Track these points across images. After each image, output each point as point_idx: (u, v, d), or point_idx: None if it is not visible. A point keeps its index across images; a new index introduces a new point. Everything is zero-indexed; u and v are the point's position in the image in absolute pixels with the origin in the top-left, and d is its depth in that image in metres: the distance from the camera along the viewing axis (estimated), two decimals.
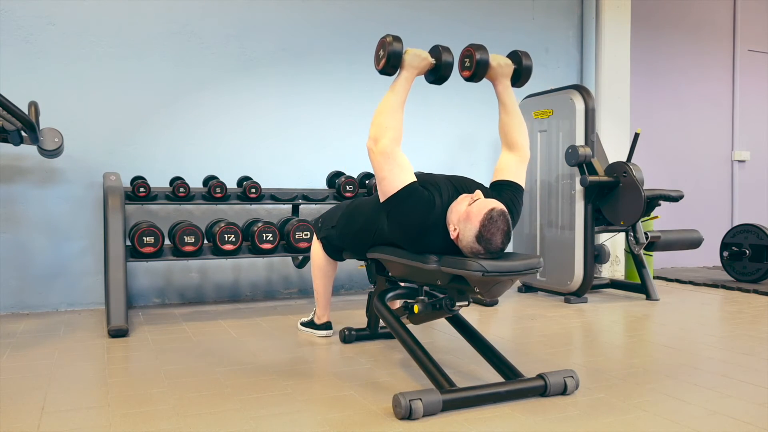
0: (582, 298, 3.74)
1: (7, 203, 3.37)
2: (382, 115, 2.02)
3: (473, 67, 2.13)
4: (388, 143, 1.99)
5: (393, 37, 2.07)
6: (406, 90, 2.07)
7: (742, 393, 2.01)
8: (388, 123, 2.01)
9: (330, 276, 2.73)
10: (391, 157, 1.99)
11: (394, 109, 2.03)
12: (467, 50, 2.17)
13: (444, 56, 2.09)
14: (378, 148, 1.99)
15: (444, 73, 2.11)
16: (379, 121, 2.02)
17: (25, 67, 3.37)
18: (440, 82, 2.14)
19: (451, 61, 2.10)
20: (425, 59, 2.11)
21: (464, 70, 2.16)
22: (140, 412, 1.81)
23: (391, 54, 2.05)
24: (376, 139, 2.00)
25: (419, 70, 2.12)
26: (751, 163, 5.88)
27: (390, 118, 2.01)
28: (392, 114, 2.02)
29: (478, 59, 2.11)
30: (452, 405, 1.80)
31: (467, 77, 2.17)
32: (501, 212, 1.91)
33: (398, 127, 2.01)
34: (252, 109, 3.88)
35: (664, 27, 5.41)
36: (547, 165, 3.89)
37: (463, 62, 2.17)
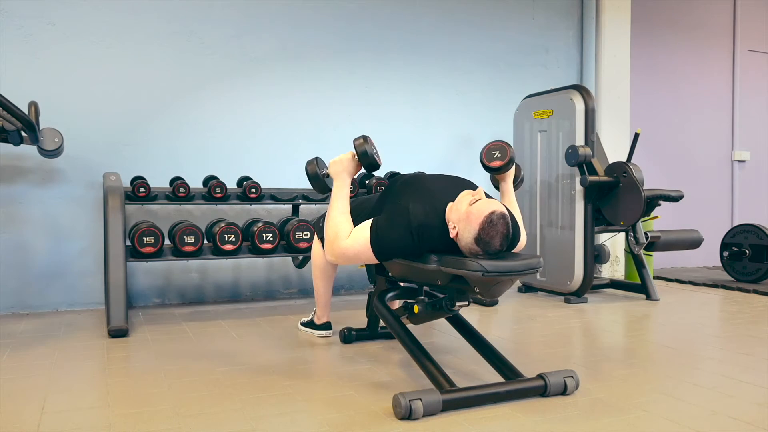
0: (582, 298, 3.74)
1: (7, 203, 3.37)
2: (329, 229, 2.13)
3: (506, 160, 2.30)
4: (336, 247, 2.10)
5: (308, 163, 2.26)
6: (344, 196, 2.17)
7: (742, 393, 2.01)
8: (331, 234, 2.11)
9: (330, 276, 2.73)
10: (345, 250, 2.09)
11: (336, 219, 2.13)
12: (499, 144, 2.33)
13: (359, 148, 2.15)
14: (334, 257, 2.12)
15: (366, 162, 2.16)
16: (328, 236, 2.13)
17: (25, 67, 3.37)
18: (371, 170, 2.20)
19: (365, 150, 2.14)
20: (344, 161, 2.19)
21: (495, 160, 2.32)
22: (140, 412, 1.81)
23: (311, 179, 2.26)
24: (329, 253, 2.13)
25: (347, 172, 2.20)
26: (751, 163, 5.88)
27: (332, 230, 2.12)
28: (335, 225, 2.12)
29: (512, 156, 2.30)
30: (452, 405, 1.80)
31: (496, 167, 2.32)
32: (501, 215, 1.91)
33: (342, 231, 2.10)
34: (252, 109, 3.88)
35: (664, 27, 5.41)
36: (547, 165, 3.89)
37: (491, 153, 2.33)
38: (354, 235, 2.09)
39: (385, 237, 2.03)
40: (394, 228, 2.02)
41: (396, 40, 4.27)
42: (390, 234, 2.02)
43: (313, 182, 2.26)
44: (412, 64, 4.31)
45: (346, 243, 2.08)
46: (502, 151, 2.31)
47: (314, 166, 2.25)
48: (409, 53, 4.30)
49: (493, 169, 2.33)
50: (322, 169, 2.27)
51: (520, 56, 4.67)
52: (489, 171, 2.35)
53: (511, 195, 2.40)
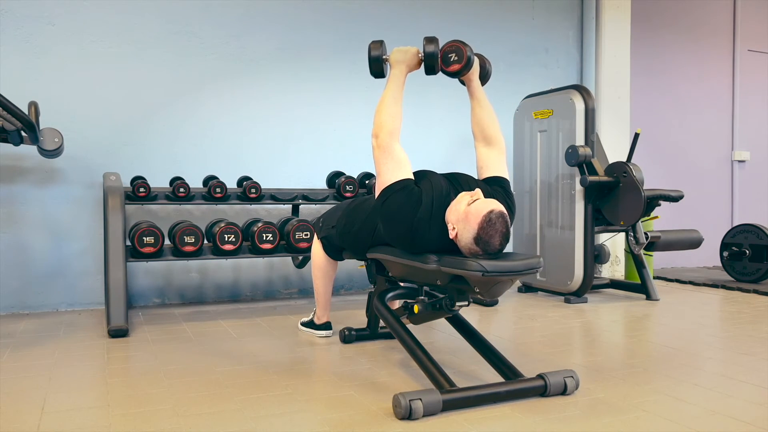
0: (582, 298, 3.74)
1: (7, 203, 3.37)
2: (379, 113, 2.11)
3: (463, 62, 2.18)
4: (385, 137, 2.07)
5: (373, 43, 2.24)
6: (399, 85, 2.16)
7: (742, 393, 2.01)
8: (384, 119, 2.09)
9: (330, 276, 2.73)
10: (387, 151, 2.07)
11: (389, 104, 2.12)
12: (453, 45, 2.20)
13: (427, 47, 2.17)
14: (377, 142, 2.09)
15: (430, 63, 2.18)
16: (377, 118, 2.11)
17: (25, 67, 3.37)
18: (430, 72, 2.21)
19: (434, 51, 2.16)
20: (408, 52, 2.19)
21: (452, 64, 2.20)
22: (140, 412, 1.81)
23: (371, 60, 2.24)
24: (375, 135, 2.09)
25: (406, 64, 2.19)
26: (751, 163, 5.88)
27: (386, 114, 2.10)
28: (387, 110, 2.11)
29: (469, 55, 2.18)
30: (452, 405, 1.80)
31: (455, 71, 2.21)
32: (500, 214, 1.91)
33: (394, 122, 2.09)
34: (252, 109, 3.88)
35: (664, 27, 5.41)
36: (547, 165, 3.89)
37: (447, 57, 2.21)
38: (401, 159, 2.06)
39: (396, 199, 2.02)
40: (406, 204, 2.01)
41: (396, 40, 4.23)
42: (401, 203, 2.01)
43: (373, 63, 2.23)
44: None
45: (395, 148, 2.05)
46: (458, 53, 2.18)
47: (379, 47, 2.23)
48: None
49: (453, 74, 2.22)
50: (385, 53, 2.24)
51: (520, 56, 4.67)
52: (450, 76, 2.24)
53: (479, 93, 2.30)
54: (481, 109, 2.31)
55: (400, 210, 2.01)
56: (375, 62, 2.22)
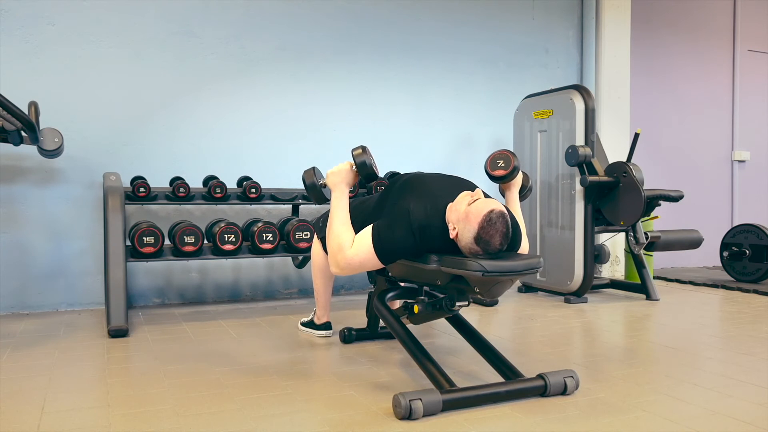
0: (582, 298, 3.74)
1: (7, 203, 3.37)
2: (331, 241, 2.11)
3: (509, 170, 2.30)
4: (342, 259, 2.07)
5: (305, 173, 2.27)
6: (343, 207, 2.16)
7: (742, 393, 2.01)
8: (334, 245, 2.10)
9: (330, 276, 2.73)
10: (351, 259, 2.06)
11: (338, 230, 2.11)
12: (504, 153, 2.33)
13: (357, 159, 2.16)
14: (340, 269, 2.09)
15: (364, 172, 2.17)
16: (332, 245, 2.11)
17: (25, 67, 3.37)
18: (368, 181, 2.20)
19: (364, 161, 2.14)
20: (341, 172, 2.19)
21: (498, 169, 2.32)
22: (140, 412, 1.81)
23: (307, 189, 2.27)
24: (334, 265, 2.10)
25: (344, 182, 2.19)
26: (751, 163, 5.88)
27: (335, 241, 2.10)
28: (337, 236, 2.10)
29: (516, 165, 2.29)
30: (452, 405, 1.80)
31: (500, 176, 2.32)
32: (500, 214, 1.90)
33: (345, 241, 2.08)
34: (252, 109, 3.88)
35: (664, 27, 5.41)
36: (547, 165, 3.89)
37: (496, 162, 2.33)
38: (357, 244, 2.07)
39: (387, 240, 2.02)
40: (396, 230, 2.02)
41: (396, 40, 4.27)
42: (392, 237, 2.02)
43: (310, 192, 2.26)
44: (412, 64, 4.31)
45: (351, 252, 2.06)
46: (506, 161, 2.31)
47: (312, 175, 2.25)
48: (409, 53, 4.30)
49: (496, 178, 2.33)
50: (319, 179, 2.27)
51: (520, 56, 4.67)
52: (493, 180, 2.35)
53: (515, 204, 2.38)
54: None
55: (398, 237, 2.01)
56: (312, 190, 2.25)
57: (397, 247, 2.03)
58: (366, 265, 2.08)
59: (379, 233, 2.04)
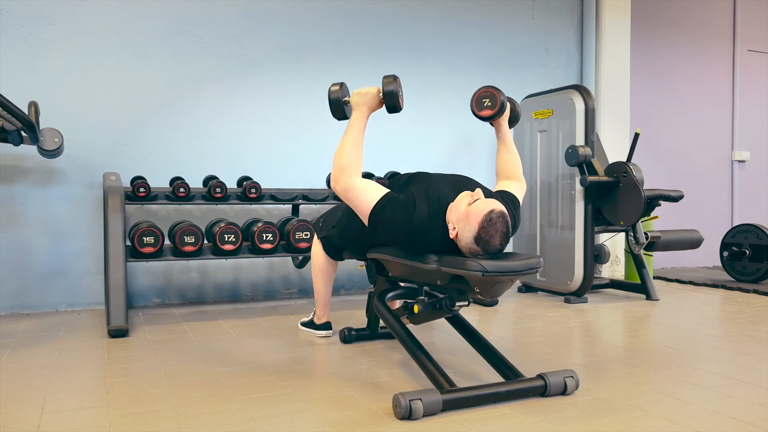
0: (582, 298, 3.74)
1: (7, 203, 3.37)
2: (339, 157, 2.13)
3: (497, 108, 2.25)
4: (346, 180, 2.10)
5: (333, 86, 2.25)
6: (359, 129, 2.16)
7: (742, 393, 2.01)
8: (344, 162, 2.11)
9: (330, 276, 2.73)
10: (351, 189, 2.10)
11: (349, 148, 2.13)
12: (488, 90, 2.27)
13: (386, 87, 2.15)
14: (339, 187, 2.12)
15: (390, 103, 2.17)
16: (337, 162, 2.13)
17: (25, 67, 3.37)
18: (392, 111, 2.21)
19: (393, 90, 2.14)
20: (368, 94, 2.19)
21: (485, 109, 2.27)
22: (140, 412, 1.81)
23: (331, 103, 2.24)
24: (335, 179, 2.13)
25: (367, 106, 2.19)
26: (751, 163, 5.88)
27: (345, 158, 2.12)
28: (347, 153, 2.12)
29: (503, 101, 2.24)
30: (452, 405, 1.80)
31: (487, 116, 2.28)
32: (500, 214, 1.91)
33: (353, 164, 2.11)
34: (252, 109, 3.88)
35: (664, 27, 5.41)
36: (547, 165, 3.89)
37: (481, 101, 2.28)
38: (367, 186, 2.09)
39: (386, 216, 2.03)
40: (398, 214, 2.02)
41: (396, 40, 4.27)
42: (392, 217, 2.02)
43: (333, 107, 2.24)
44: (412, 64, 4.31)
45: (356, 183, 2.08)
46: (491, 99, 2.25)
47: (338, 90, 2.23)
48: (409, 53, 4.30)
49: (484, 118, 2.29)
50: (345, 95, 2.25)
51: (520, 56, 4.67)
52: (481, 119, 2.31)
53: (507, 138, 2.37)
54: (507, 152, 2.38)
55: (395, 222, 2.03)
56: (335, 105, 2.23)
57: (388, 228, 2.05)
58: (356, 205, 2.10)
59: (386, 203, 2.04)
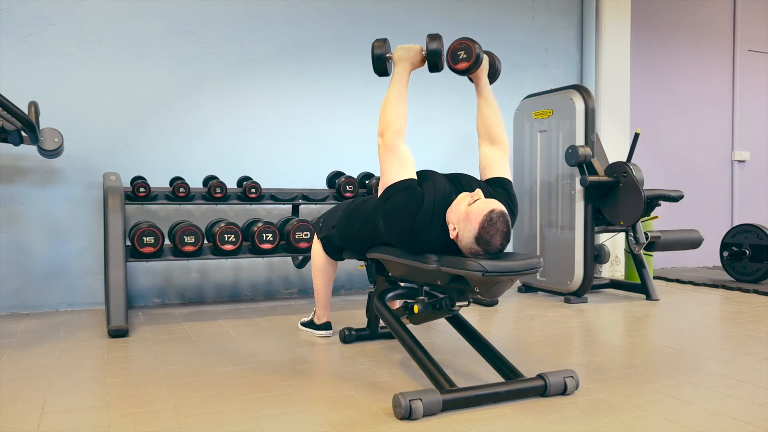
0: (582, 298, 3.74)
1: (7, 203, 3.37)
2: (385, 111, 2.12)
3: (472, 60, 2.17)
4: (391, 136, 2.08)
5: (377, 41, 2.24)
6: (403, 83, 2.15)
7: (742, 393, 2.01)
8: (390, 117, 2.10)
9: (330, 276, 2.73)
10: (393, 150, 2.07)
11: (395, 102, 2.12)
12: (463, 42, 2.19)
13: (430, 45, 2.17)
14: (383, 141, 2.09)
15: (433, 61, 2.18)
16: (384, 116, 2.11)
17: (25, 67, 3.37)
18: (434, 70, 2.22)
19: (437, 48, 2.15)
20: (411, 50, 2.19)
21: (460, 62, 2.19)
22: (140, 412, 1.81)
23: (375, 58, 2.24)
24: (381, 133, 2.11)
25: (410, 62, 2.19)
26: (751, 163, 5.88)
27: (391, 113, 2.10)
28: (393, 108, 2.11)
29: (478, 53, 2.16)
30: (452, 405, 1.80)
31: (463, 69, 2.20)
32: (500, 213, 1.91)
33: (400, 120, 2.10)
34: (252, 109, 3.88)
35: (664, 27, 5.41)
36: (547, 165, 3.89)
37: (456, 54, 2.19)
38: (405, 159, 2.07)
39: (398, 199, 2.02)
40: (408, 204, 2.01)
41: (396, 40, 4.22)
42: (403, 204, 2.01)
43: (376, 62, 2.23)
44: None
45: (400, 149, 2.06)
46: (467, 51, 2.17)
47: (382, 46, 2.23)
48: None
49: (460, 71, 2.21)
50: (388, 51, 2.24)
51: (520, 56, 4.67)
52: (457, 73, 2.23)
53: (487, 92, 2.31)
54: (488, 107, 2.32)
55: (402, 210, 2.02)
56: (378, 60, 2.23)
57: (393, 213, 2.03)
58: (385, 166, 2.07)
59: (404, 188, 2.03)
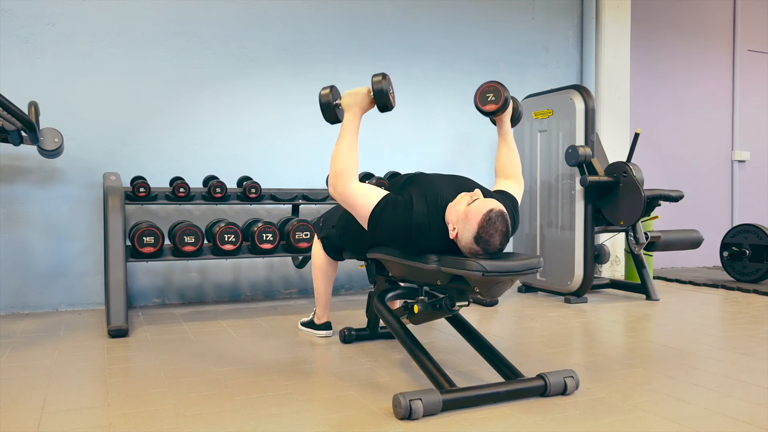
0: (582, 298, 3.74)
1: (7, 203, 3.37)
2: (335, 162, 2.12)
3: (500, 103, 2.24)
4: (344, 185, 2.09)
5: (323, 89, 2.23)
6: (353, 131, 2.14)
7: (742, 393, 2.01)
8: (340, 168, 2.10)
9: (330, 276, 2.73)
10: (349, 195, 2.09)
11: (344, 152, 2.11)
12: (492, 85, 2.27)
13: (376, 86, 2.13)
14: (337, 192, 2.11)
15: (381, 102, 2.14)
16: (334, 167, 2.12)
17: (25, 67, 3.37)
18: (384, 110, 2.19)
19: (383, 88, 2.11)
20: (358, 95, 2.17)
21: (489, 103, 2.27)
22: (140, 412, 1.81)
23: (322, 106, 2.22)
24: (333, 185, 2.12)
25: (359, 106, 2.17)
26: (751, 163, 5.88)
27: (341, 163, 2.10)
28: (342, 158, 2.11)
29: (506, 97, 2.24)
30: (452, 405, 1.80)
31: (490, 111, 2.28)
32: (500, 213, 1.91)
33: (351, 168, 2.10)
34: (252, 109, 3.88)
35: (664, 27, 5.41)
36: (547, 165, 3.89)
37: (485, 96, 2.27)
38: (365, 190, 2.08)
39: (385, 218, 2.03)
40: (397, 216, 2.02)
41: (396, 40, 4.27)
42: (391, 219, 2.02)
43: (325, 110, 2.22)
44: (412, 64, 4.31)
45: (354, 189, 2.07)
46: (495, 93, 2.25)
47: (328, 93, 2.21)
48: (409, 53, 4.30)
49: (488, 113, 2.29)
50: (336, 98, 2.23)
51: (520, 56, 4.67)
52: (484, 114, 2.31)
53: (508, 136, 2.37)
54: (508, 150, 2.39)
55: (394, 224, 2.03)
56: (327, 108, 2.21)
57: (388, 231, 2.04)
58: (355, 210, 2.09)
59: (385, 206, 2.04)
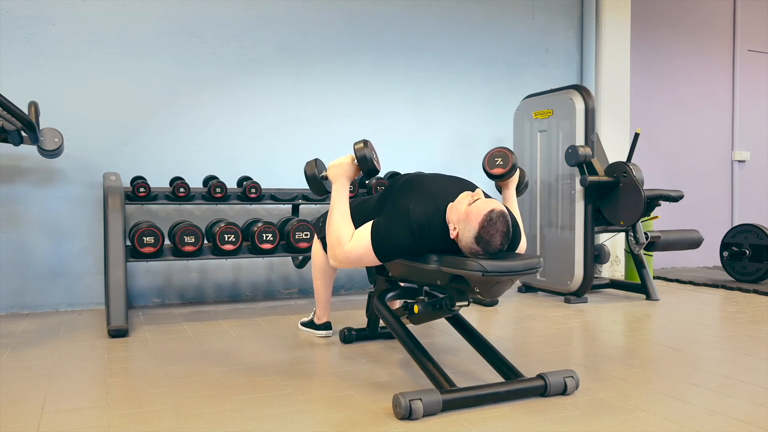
0: (582, 298, 3.74)
1: (7, 203, 3.37)
2: (331, 233, 2.13)
3: (508, 167, 2.31)
4: (341, 250, 2.09)
5: (307, 165, 2.26)
6: (342, 199, 2.16)
7: (742, 393, 2.01)
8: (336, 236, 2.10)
9: (330, 276, 2.73)
10: (349, 253, 2.08)
11: (338, 222, 2.12)
12: (501, 151, 2.33)
13: (358, 153, 2.15)
14: (338, 260, 2.11)
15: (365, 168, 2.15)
16: (331, 238, 2.12)
17: (25, 67, 3.37)
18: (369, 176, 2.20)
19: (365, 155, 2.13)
20: (343, 165, 2.18)
21: (496, 167, 2.33)
22: (140, 412, 1.81)
23: (309, 181, 2.26)
24: (333, 257, 2.12)
25: (345, 176, 2.18)
26: (751, 163, 5.88)
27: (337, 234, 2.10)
28: (339, 229, 2.11)
29: (514, 163, 2.31)
30: (452, 405, 1.80)
31: (498, 174, 2.33)
32: (501, 213, 1.91)
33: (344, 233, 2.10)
34: (252, 109, 3.88)
35: (664, 27, 5.41)
36: (547, 165, 3.89)
37: (494, 160, 2.33)
38: (356, 238, 2.07)
39: (386, 238, 2.03)
40: (395, 229, 2.02)
41: (396, 40, 4.27)
42: (391, 235, 2.02)
43: (311, 184, 2.26)
44: (412, 64, 4.31)
45: (349, 246, 2.07)
46: (504, 158, 2.32)
47: (313, 167, 2.25)
48: (409, 53, 4.30)
49: (495, 176, 2.34)
50: (321, 171, 2.26)
51: (520, 56, 4.67)
52: (491, 178, 2.36)
53: (513, 201, 2.39)
54: None
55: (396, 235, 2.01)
56: (313, 181, 2.24)
57: (395, 246, 2.03)
58: (363, 260, 2.08)
59: (378, 230, 2.04)
